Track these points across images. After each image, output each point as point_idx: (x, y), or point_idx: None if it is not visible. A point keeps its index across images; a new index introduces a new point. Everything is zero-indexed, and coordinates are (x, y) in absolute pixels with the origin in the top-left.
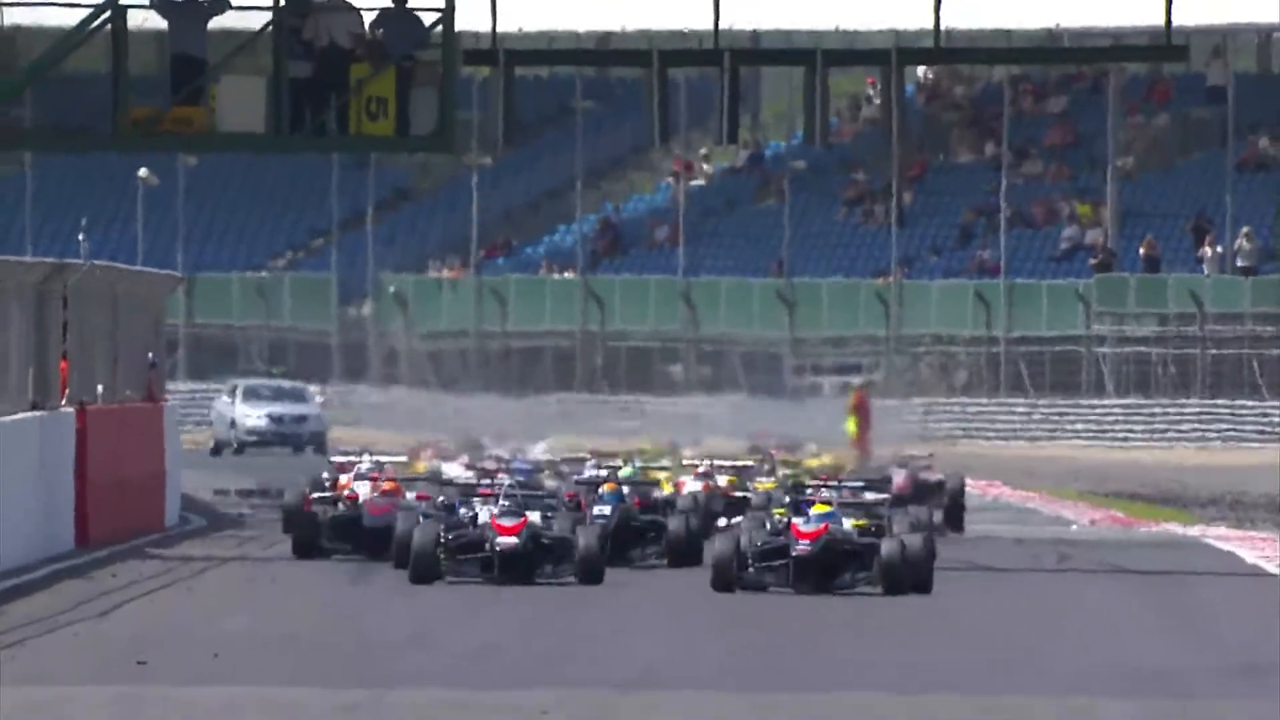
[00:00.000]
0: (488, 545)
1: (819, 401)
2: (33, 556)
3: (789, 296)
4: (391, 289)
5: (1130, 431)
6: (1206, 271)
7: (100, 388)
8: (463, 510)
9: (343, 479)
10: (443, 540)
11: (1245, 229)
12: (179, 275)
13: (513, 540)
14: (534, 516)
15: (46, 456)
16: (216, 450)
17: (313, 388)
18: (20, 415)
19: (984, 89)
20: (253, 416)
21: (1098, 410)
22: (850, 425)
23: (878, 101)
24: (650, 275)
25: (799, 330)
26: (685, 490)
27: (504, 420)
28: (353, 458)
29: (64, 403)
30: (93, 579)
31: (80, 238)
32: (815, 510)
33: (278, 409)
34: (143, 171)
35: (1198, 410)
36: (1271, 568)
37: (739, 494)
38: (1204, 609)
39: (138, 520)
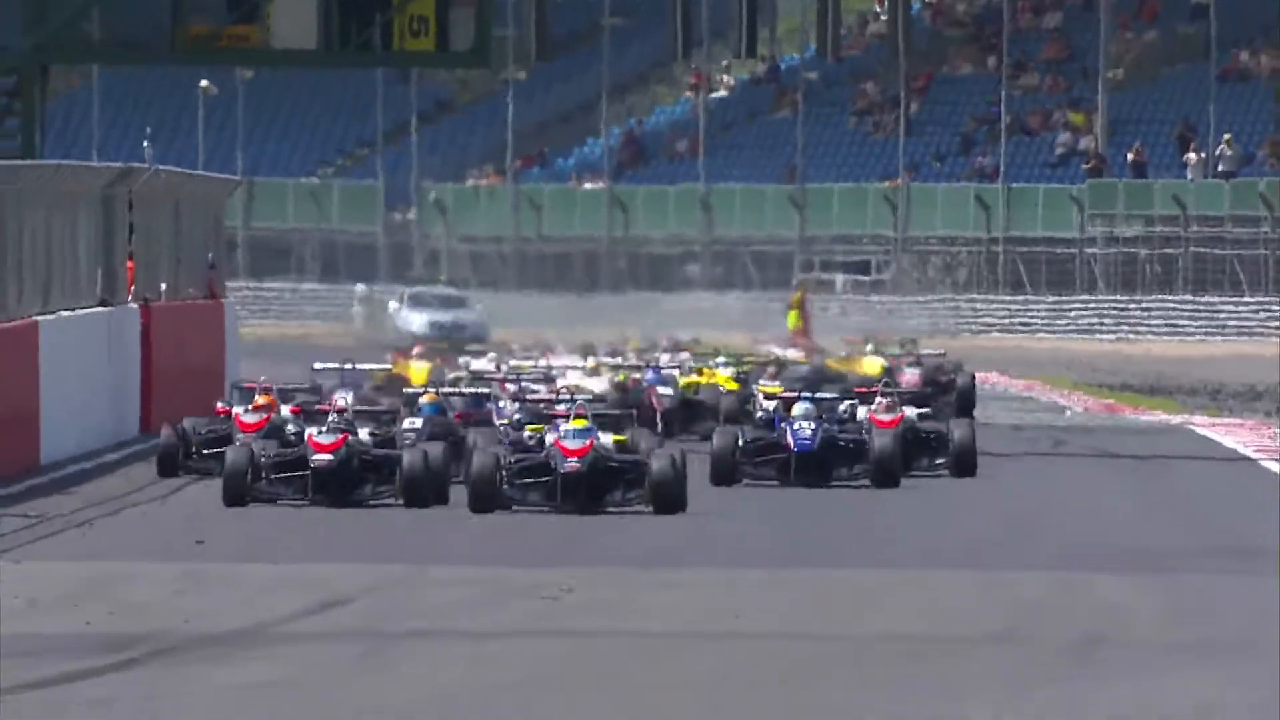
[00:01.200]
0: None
1: (830, 297)
2: (102, 442)
3: (800, 200)
4: (432, 196)
5: (1119, 326)
6: (1190, 176)
7: (164, 285)
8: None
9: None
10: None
11: (1226, 136)
12: (237, 179)
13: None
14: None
15: (114, 350)
16: None
17: (474, 295)
18: (90, 310)
19: (984, 6)
20: (416, 322)
21: (1090, 306)
22: (791, 319)
23: (885, 18)
24: (670, 184)
25: (809, 231)
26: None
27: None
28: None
29: (130, 299)
30: (153, 462)
31: (145, 145)
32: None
33: (440, 315)
34: (203, 83)
35: (1180, 306)
36: (1248, 452)
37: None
38: (1187, 491)
39: (198, 409)
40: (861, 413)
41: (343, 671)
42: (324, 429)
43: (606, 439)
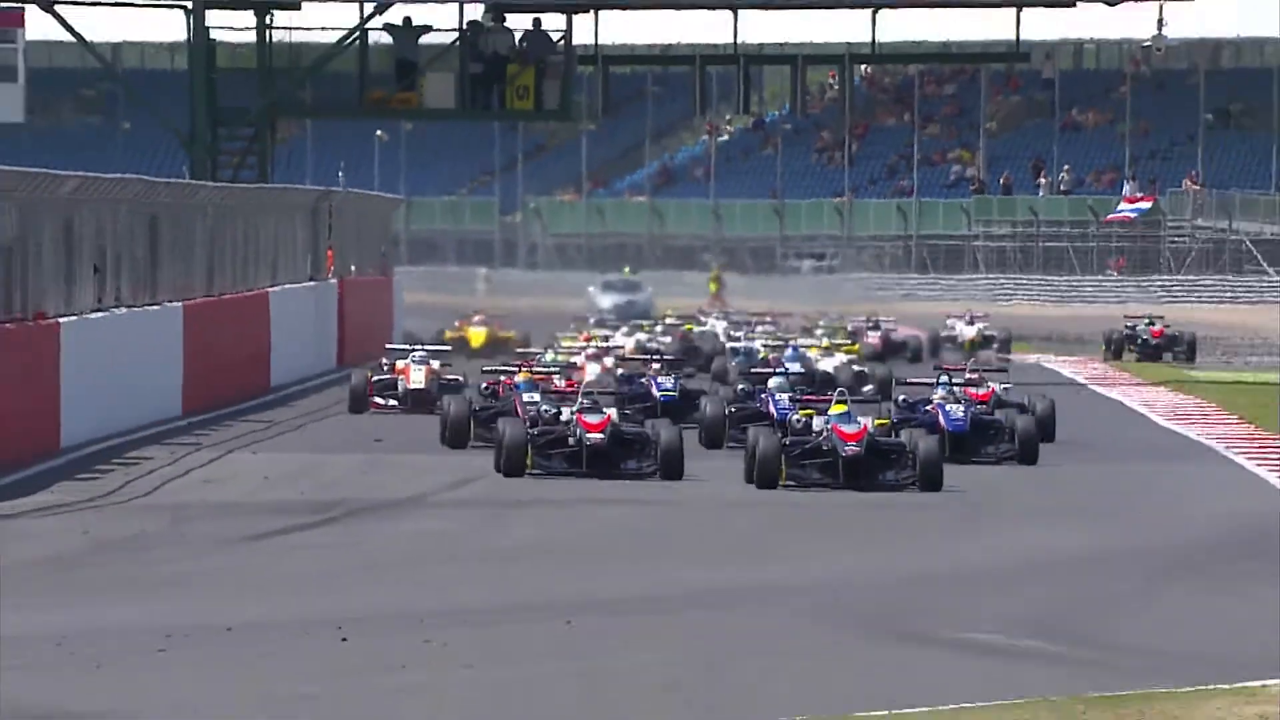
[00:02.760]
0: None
1: (798, 277)
2: (311, 372)
3: (780, 211)
4: (532, 206)
5: (994, 295)
6: (1041, 194)
7: (352, 268)
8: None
9: (400, 364)
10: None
11: (1065, 167)
12: (400, 198)
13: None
14: None
15: (319, 310)
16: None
17: (643, 279)
18: (303, 284)
19: (903, 78)
20: (605, 301)
21: (974, 282)
22: (712, 287)
23: (837, 86)
24: (691, 199)
25: (786, 232)
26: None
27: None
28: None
29: (330, 277)
30: (345, 387)
31: (339, 174)
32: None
33: (620, 298)
34: (379, 132)
35: (1036, 282)
36: (1080, 379)
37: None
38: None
39: (375, 349)
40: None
41: (475, 525)
42: (585, 407)
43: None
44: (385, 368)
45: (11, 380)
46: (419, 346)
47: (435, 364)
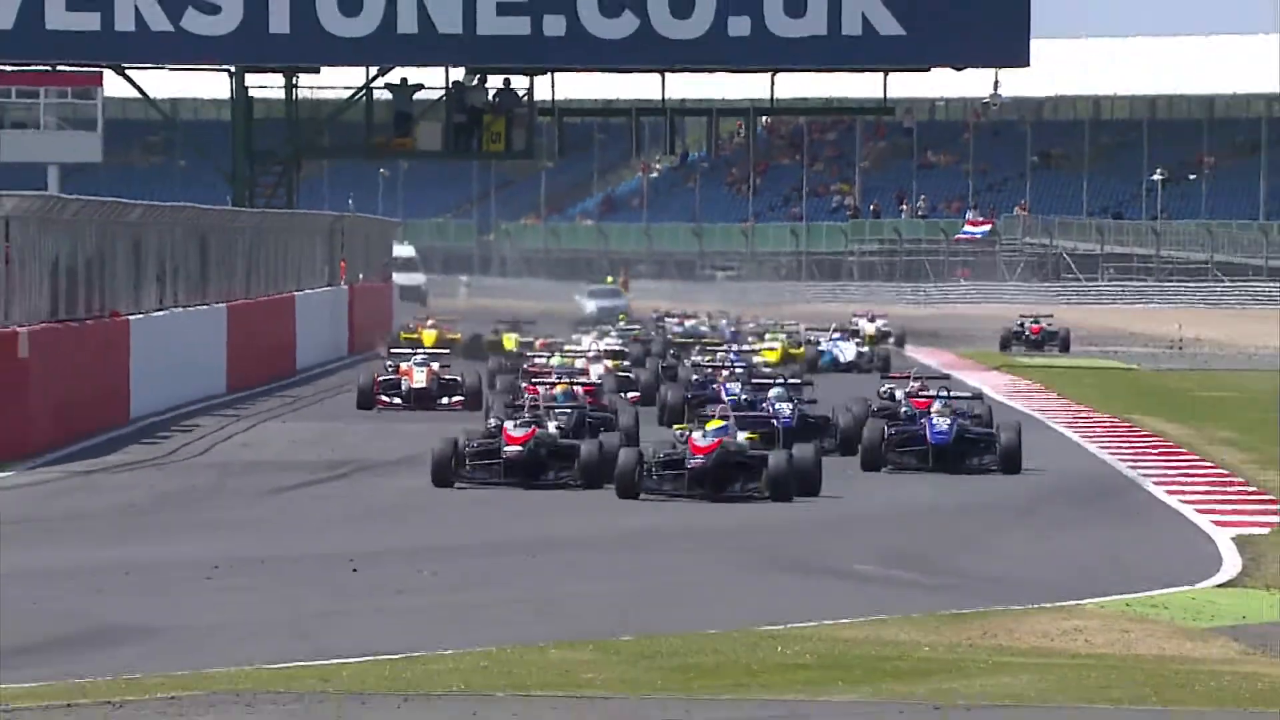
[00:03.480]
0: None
1: (712, 283)
2: (328, 358)
3: (698, 232)
4: (503, 227)
5: (867, 298)
6: (903, 218)
7: (360, 276)
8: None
9: (403, 366)
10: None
11: (922, 197)
12: (398, 221)
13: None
14: None
15: (334, 309)
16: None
17: (621, 285)
18: (323, 289)
19: (795, 128)
20: (590, 306)
21: (850, 288)
22: (622, 287)
23: (743, 133)
24: (629, 223)
25: (704, 249)
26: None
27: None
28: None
29: (343, 283)
30: (355, 369)
31: (349, 202)
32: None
33: (604, 302)
34: (382, 170)
35: (899, 288)
36: (932, 362)
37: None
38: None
39: (378, 341)
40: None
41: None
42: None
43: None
44: (390, 368)
45: (92, 366)
46: (420, 351)
47: (435, 365)
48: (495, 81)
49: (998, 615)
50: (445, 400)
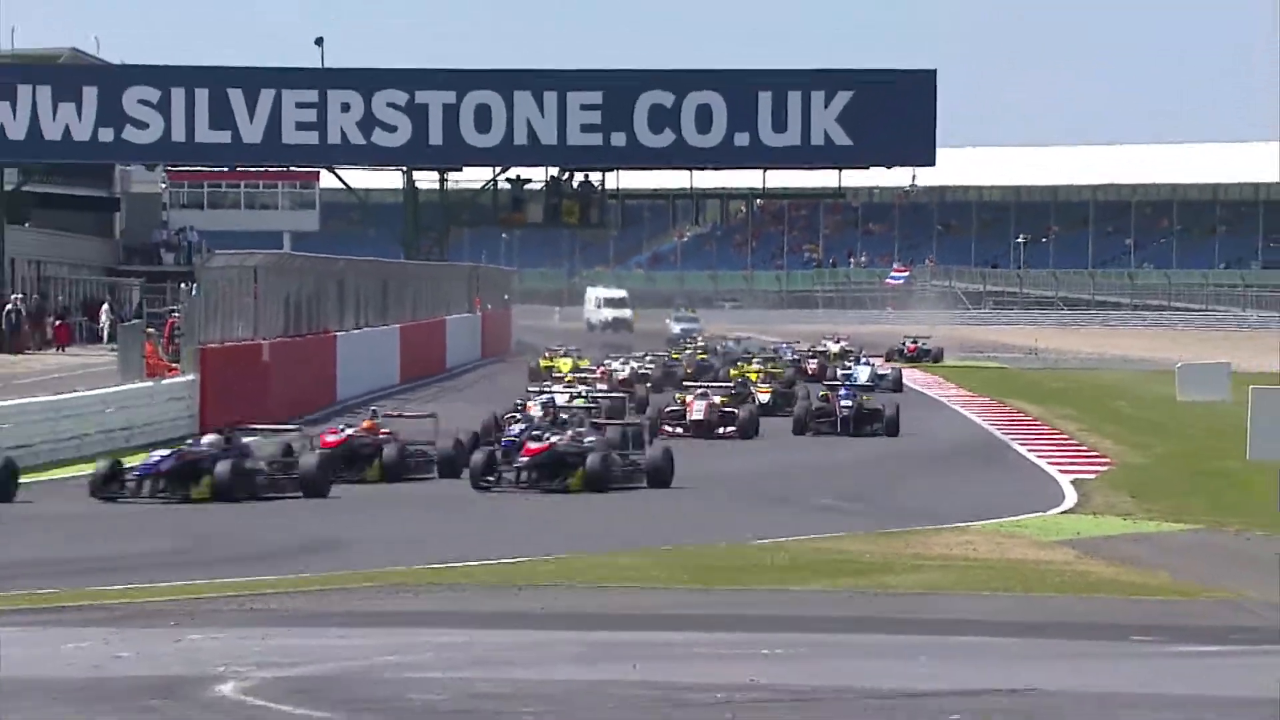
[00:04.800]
0: None
1: (724, 311)
2: (466, 360)
3: (715, 278)
4: (583, 274)
5: (828, 321)
6: (851, 267)
7: (489, 306)
8: None
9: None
10: None
11: (864, 254)
12: (514, 269)
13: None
14: None
15: (472, 328)
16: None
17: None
18: (464, 315)
19: (779, 207)
20: (675, 328)
21: (817, 314)
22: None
23: (744, 211)
24: (669, 271)
25: (719, 288)
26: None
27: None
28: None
29: (477, 311)
30: (491, 369)
31: (482, 256)
32: None
33: (685, 325)
34: (504, 234)
35: (847, 314)
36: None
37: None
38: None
39: (501, 349)
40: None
41: None
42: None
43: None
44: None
45: (312, 366)
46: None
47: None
48: (578, 176)
49: (915, 533)
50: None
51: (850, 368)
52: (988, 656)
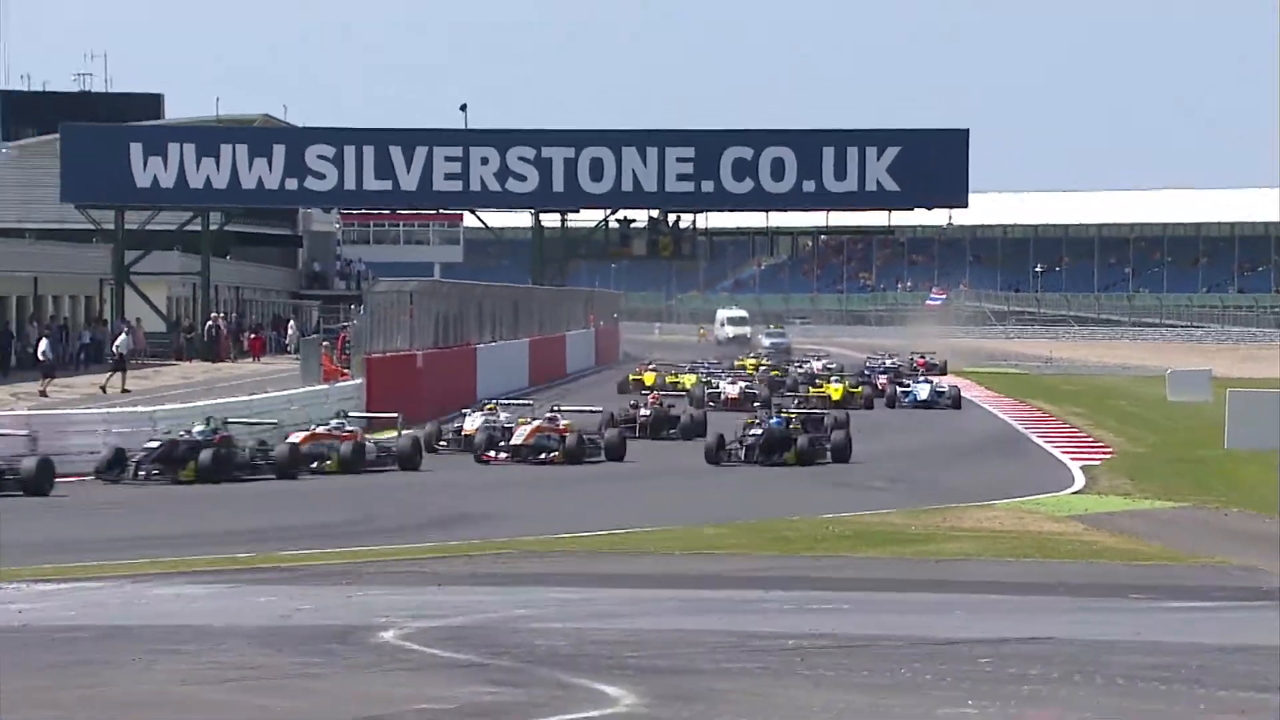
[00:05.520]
0: None
1: (793, 328)
2: (582, 367)
3: (786, 300)
4: (678, 297)
5: (879, 335)
6: (899, 291)
7: (601, 322)
8: None
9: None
10: None
11: (909, 281)
12: (621, 292)
13: None
14: None
15: (586, 340)
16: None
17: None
18: (581, 330)
19: (840, 242)
20: (766, 342)
21: (871, 330)
22: (701, 334)
23: (811, 244)
24: (749, 294)
25: (789, 308)
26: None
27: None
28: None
29: (590, 327)
30: (604, 374)
31: (595, 282)
32: None
33: (775, 340)
34: (613, 264)
35: (896, 330)
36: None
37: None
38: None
39: (611, 358)
40: None
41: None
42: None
43: None
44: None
45: (457, 372)
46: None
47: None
48: (673, 217)
49: (950, 509)
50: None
51: (910, 385)
52: (1010, 611)
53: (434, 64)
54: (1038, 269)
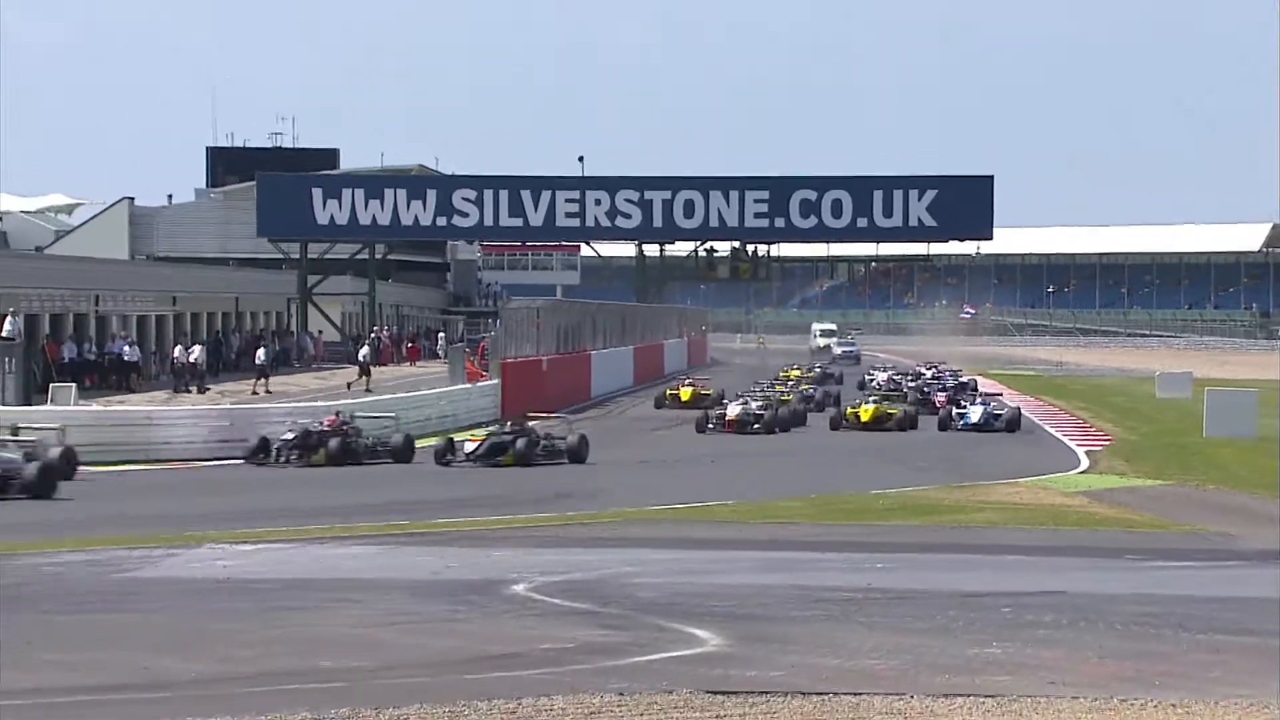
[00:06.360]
0: None
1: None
2: (677, 369)
3: (845, 316)
4: (755, 312)
5: (921, 345)
6: (936, 309)
7: (692, 333)
8: None
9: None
10: None
11: (945, 299)
12: (708, 309)
13: None
14: None
15: (680, 348)
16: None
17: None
18: (675, 340)
19: (888, 268)
20: (838, 350)
21: (913, 339)
22: (762, 342)
23: (864, 271)
24: (812, 311)
25: (846, 322)
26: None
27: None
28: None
29: (684, 337)
30: (691, 374)
31: (687, 301)
32: None
33: (845, 348)
34: (703, 286)
35: (937, 341)
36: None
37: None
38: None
39: (700, 361)
40: None
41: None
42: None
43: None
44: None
45: (575, 374)
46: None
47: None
48: (751, 247)
49: (978, 486)
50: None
51: (965, 407)
52: (1028, 569)
53: (556, 122)
54: (1050, 290)
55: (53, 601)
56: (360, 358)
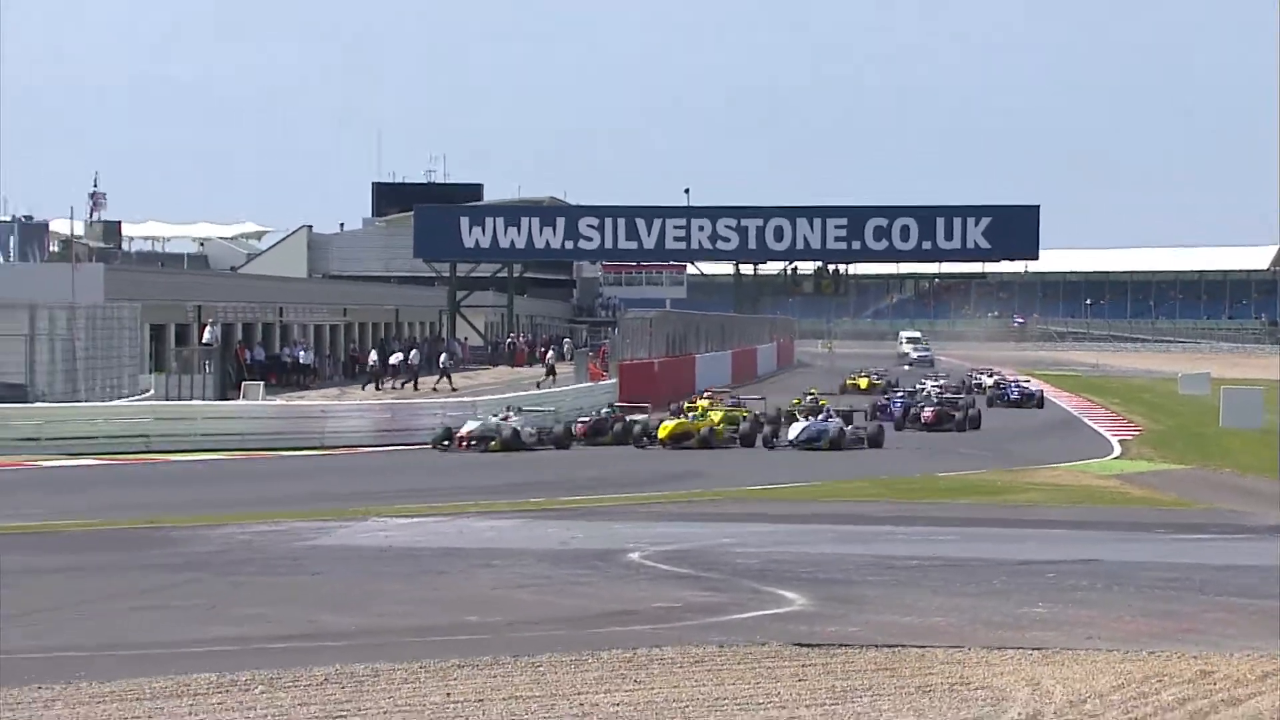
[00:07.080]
0: None
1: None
2: (770, 370)
3: (911, 325)
4: (830, 323)
5: (980, 349)
6: (989, 319)
7: (781, 339)
8: None
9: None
10: None
11: (997, 310)
12: (794, 319)
13: None
14: None
15: (770, 352)
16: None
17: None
18: (767, 344)
19: (950, 284)
20: (913, 354)
21: (971, 345)
22: (830, 346)
23: (927, 287)
24: (881, 321)
25: (898, 332)
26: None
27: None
28: None
29: (774, 343)
30: (783, 376)
31: (776, 311)
32: None
33: (920, 352)
34: (789, 299)
35: (990, 347)
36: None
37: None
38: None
39: (788, 363)
40: None
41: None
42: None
43: None
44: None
45: (682, 374)
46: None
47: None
48: (831, 267)
49: (1024, 470)
50: None
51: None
52: (1068, 541)
53: (664, 156)
54: (1088, 302)
55: (250, 566)
56: (545, 361)
